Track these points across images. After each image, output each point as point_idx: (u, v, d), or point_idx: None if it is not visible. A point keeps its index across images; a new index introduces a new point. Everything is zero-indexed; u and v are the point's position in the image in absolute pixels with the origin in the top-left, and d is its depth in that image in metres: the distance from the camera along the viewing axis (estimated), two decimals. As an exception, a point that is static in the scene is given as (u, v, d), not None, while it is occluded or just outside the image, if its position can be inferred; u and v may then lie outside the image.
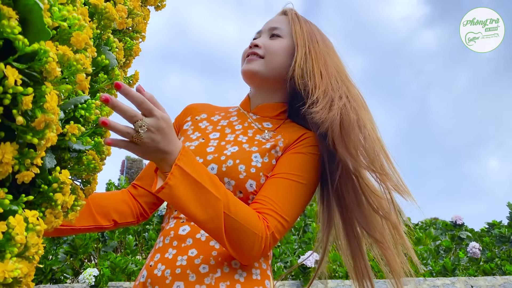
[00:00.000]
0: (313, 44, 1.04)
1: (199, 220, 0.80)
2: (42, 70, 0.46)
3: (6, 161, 0.44)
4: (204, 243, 0.93)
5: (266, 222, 0.88)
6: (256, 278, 0.91)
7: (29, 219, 0.47)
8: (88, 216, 0.99)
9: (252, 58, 1.06)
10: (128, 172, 9.40)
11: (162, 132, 0.74)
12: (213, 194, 0.80)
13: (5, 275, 0.43)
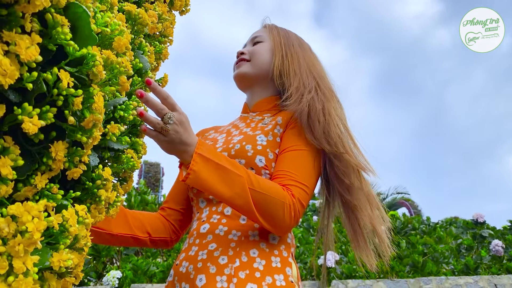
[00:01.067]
0: (289, 47, 1.16)
1: (227, 197, 0.86)
2: (89, 73, 0.49)
3: (59, 158, 0.48)
4: (222, 237, 0.98)
5: (290, 191, 0.94)
6: (276, 266, 0.94)
7: (79, 213, 0.50)
8: (125, 225, 1.07)
9: (240, 63, 1.19)
10: (146, 176, 9.51)
11: (183, 125, 0.82)
12: (234, 172, 0.86)
13: (60, 264, 0.47)
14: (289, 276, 0.94)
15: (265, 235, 0.99)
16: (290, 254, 1.00)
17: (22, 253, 0.41)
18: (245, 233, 0.98)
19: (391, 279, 3.72)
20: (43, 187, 0.48)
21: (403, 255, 3.84)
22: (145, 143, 0.71)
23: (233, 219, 1.01)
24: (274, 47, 1.17)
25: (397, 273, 3.84)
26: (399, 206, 8.98)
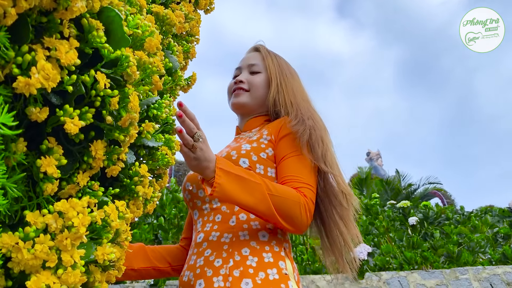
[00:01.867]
0: (283, 77, 1.26)
1: (251, 205, 0.94)
2: (124, 74, 0.51)
3: (98, 156, 0.50)
4: (216, 242, 1.05)
5: (301, 192, 1.02)
6: (269, 261, 0.99)
7: (119, 208, 0.53)
8: (145, 259, 1.18)
9: (239, 92, 1.27)
10: (176, 174, 9.64)
11: (206, 143, 0.90)
12: (253, 181, 0.94)
13: (104, 257, 0.49)
14: (283, 269, 0.99)
15: (255, 233, 1.04)
16: (282, 249, 1.05)
17: (69, 247, 0.43)
18: (236, 234, 1.04)
19: (426, 270, 3.67)
20: (85, 184, 0.50)
21: (437, 246, 3.78)
22: (178, 140, 0.72)
23: (223, 223, 1.07)
24: (270, 78, 1.27)
25: (431, 264, 3.78)
26: (431, 196, 8.83)
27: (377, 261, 3.77)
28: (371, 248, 3.67)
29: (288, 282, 0.97)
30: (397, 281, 3.62)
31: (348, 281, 3.55)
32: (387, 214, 4.53)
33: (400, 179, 7.60)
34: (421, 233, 4.23)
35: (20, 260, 0.41)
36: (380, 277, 3.60)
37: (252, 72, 1.29)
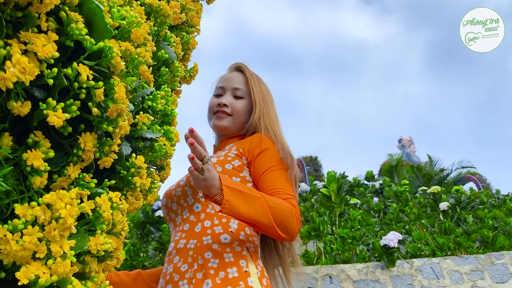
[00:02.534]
0: (265, 104, 1.35)
1: (254, 218, 1.01)
2: (109, 66, 0.51)
3: (88, 148, 0.50)
4: (183, 249, 1.12)
5: (291, 203, 1.09)
6: (229, 261, 1.07)
7: (113, 199, 0.53)
8: (143, 283, 1.27)
9: (222, 115, 1.33)
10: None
11: (212, 165, 0.95)
12: (254, 196, 1.02)
13: (97, 248, 0.50)
14: (243, 267, 1.05)
15: (217, 237, 1.10)
16: (244, 249, 1.10)
17: (58, 238, 0.44)
18: (200, 240, 1.11)
19: (460, 256, 3.58)
20: (77, 176, 0.51)
21: (471, 231, 3.68)
22: (177, 131, 0.73)
23: (190, 231, 1.15)
24: (254, 105, 1.34)
25: (465, 249, 3.68)
26: (466, 181, 8.59)
27: (408, 248, 3.71)
28: (401, 236, 3.60)
29: (247, 279, 1.02)
30: (429, 268, 3.55)
31: (379, 269, 3.51)
32: (418, 201, 4.44)
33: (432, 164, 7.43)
34: (453, 219, 4.12)
35: (9, 251, 0.42)
36: (411, 264, 3.54)
37: (235, 96, 1.35)
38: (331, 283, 3.44)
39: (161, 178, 0.74)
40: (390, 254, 3.47)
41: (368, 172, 7.12)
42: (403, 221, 4.33)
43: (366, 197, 5.31)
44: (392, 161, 8.03)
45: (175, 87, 0.77)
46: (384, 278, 3.46)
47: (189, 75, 0.89)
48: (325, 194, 3.77)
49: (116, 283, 1.24)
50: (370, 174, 7.07)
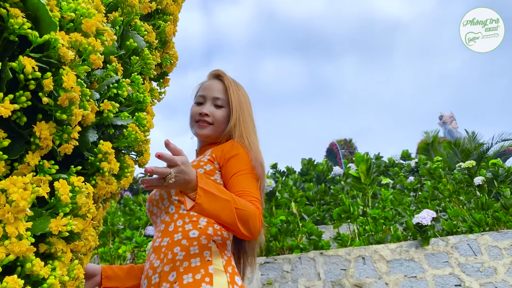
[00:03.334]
0: (241, 112, 1.43)
1: (221, 219, 1.10)
2: (60, 56, 0.54)
3: (43, 136, 0.53)
4: (157, 247, 1.23)
5: (255, 205, 1.18)
6: (194, 252, 1.16)
7: (75, 183, 0.56)
8: (135, 277, 1.37)
9: (203, 125, 1.42)
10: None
11: (183, 172, 1.00)
12: (225, 198, 1.10)
13: (59, 229, 0.53)
14: (206, 257, 1.15)
15: (187, 233, 1.20)
16: (211, 241, 1.20)
17: (12, 220, 0.47)
18: (172, 237, 1.21)
19: (498, 231, 3.47)
20: (37, 164, 0.54)
21: (509, 205, 3.55)
22: (150, 117, 0.75)
23: (165, 231, 1.25)
24: (231, 113, 1.42)
25: (504, 224, 3.56)
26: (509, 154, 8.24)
27: (444, 225, 3.62)
28: (435, 214, 3.52)
29: (208, 267, 1.12)
30: (466, 244, 3.46)
31: (413, 248, 3.45)
32: (453, 177, 4.31)
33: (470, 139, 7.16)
34: (491, 193, 3.98)
35: (-35, 234, 0.46)
36: (447, 242, 3.46)
37: (216, 105, 1.44)
38: (364, 264, 3.42)
39: (140, 163, 0.76)
40: (424, 232, 3.41)
41: (403, 151, 6.96)
42: (438, 199, 4.23)
43: (399, 176, 5.20)
44: (428, 138, 7.80)
45: (151, 74, 0.79)
46: (419, 257, 3.40)
47: (169, 62, 0.91)
48: (354, 175, 3.73)
49: (111, 277, 1.32)
50: (406, 153, 6.90)
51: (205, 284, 1.09)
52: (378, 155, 6.90)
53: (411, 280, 3.31)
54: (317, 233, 3.67)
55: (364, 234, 3.81)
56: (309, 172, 6.54)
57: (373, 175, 4.02)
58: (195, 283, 1.09)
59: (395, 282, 3.31)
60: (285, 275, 3.38)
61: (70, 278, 0.56)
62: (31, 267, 0.49)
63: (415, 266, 3.37)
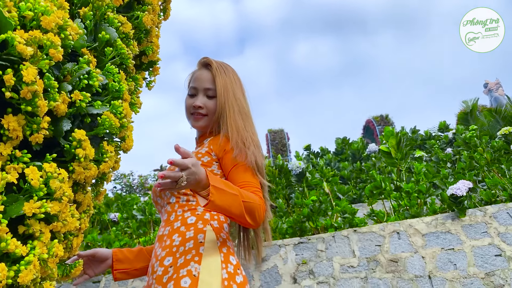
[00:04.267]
0: (226, 99, 1.48)
1: (232, 212, 1.17)
2: (19, 53, 0.58)
3: (11, 128, 0.58)
4: (160, 236, 1.31)
5: (258, 196, 1.26)
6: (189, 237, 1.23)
7: (47, 169, 0.61)
8: (144, 259, 1.45)
9: (198, 117, 1.49)
10: (273, 143, 9.83)
11: (193, 173, 1.07)
12: (233, 193, 1.17)
13: (32, 211, 0.58)
14: (199, 239, 1.22)
15: (185, 221, 1.28)
16: (207, 225, 1.27)
17: (-17, 204, 0.53)
18: (172, 226, 1.28)
19: (540, 198, 3.33)
20: (9, 153, 0.59)
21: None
22: (127, 104, 0.79)
23: (167, 220, 1.33)
24: (218, 95, 1.48)
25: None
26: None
27: (482, 195, 3.52)
28: (471, 184, 3.43)
29: (200, 248, 1.19)
30: (505, 213, 3.36)
31: (449, 220, 3.38)
32: (491, 145, 4.15)
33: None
34: (532, 159, 3.82)
35: None
36: (485, 212, 3.36)
37: (208, 96, 1.51)
38: (399, 239, 3.39)
39: (123, 148, 0.81)
40: (460, 203, 3.33)
41: (441, 123, 6.74)
42: (476, 169, 4.11)
43: (433, 149, 5.06)
44: (467, 108, 7.51)
45: (128, 63, 0.83)
46: (456, 229, 3.33)
47: (151, 51, 0.95)
48: (385, 150, 3.68)
49: (121, 259, 1.39)
50: (443, 125, 6.69)
51: (193, 263, 1.16)
52: (415, 128, 6.74)
53: (448, 252, 3.25)
54: (351, 211, 3.66)
55: (399, 209, 3.76)
56: (344, 151, 6.48)
57: (406, 149, 3.95)
58: (185, 262, 1.16)
59: (431, 255, 3.26)
60: (320, 254, 3.40)
61: (49, 256, 0.61)
62: (5, 246, 0.54)
63: (452, 238, 3.30)
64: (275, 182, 4.14)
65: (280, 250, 3.43)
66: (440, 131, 6.68)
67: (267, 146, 9.71)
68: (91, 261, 1.38)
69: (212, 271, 1.16)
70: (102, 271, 1.38)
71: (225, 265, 1.18)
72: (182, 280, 1.13)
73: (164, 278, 1.17)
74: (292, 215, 4.17)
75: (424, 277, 3.19)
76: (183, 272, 1.14)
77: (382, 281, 3.22)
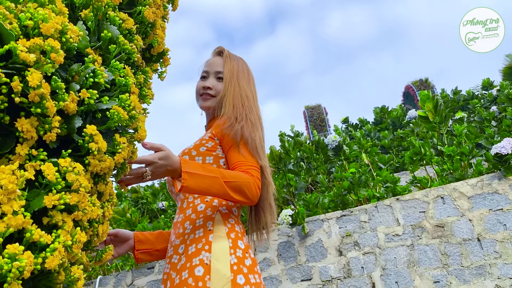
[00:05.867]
0: (232, 81, 1.52)
1: (213, 193, 1.23)
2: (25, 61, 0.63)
3: (25, 129, 0.64)
4: (175, 223, 1.39)
5: (249, 173, 1.30)
6: (199, 224, 1.30)
7: (62, 164, 0.67)
8: (164, 240, 1.52)
9: (207, 97, 1.55)
10: (311, 119, 9.75)
11: (161, 166, 1.17)
12: (211, 176, 1.22)
13: (52, 203, 0.64)
14: (208, 227, 1.28)
15: (195, 208, 1.35)
16: (216, 212, 1.33)
17: (6, 200, 0.59)
18: (184, 213, 1.36)
19: None
20: (26, 153, 0.65)
21: None
22: (134, 96, 0.83)
23: (180, 208, 1.40)
24: (224, 78, 1.54)
25: None
26: None
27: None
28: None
29: (209, 235, 1.25)
30: (555, 168, 3.21)
31: (496, 180, 3.28)
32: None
33: None
34: None
35: (-30, 215, 0.58)
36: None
37: (218, 78, 1.57)
38: (443, 204, 3.33)
39: (136, 139, 0.86)
40: (505, 162, 3.22)
41: (484, 80, 6.45)
42: (523, 124, 3.94)
43: (476, 108, 4.87)
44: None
45: (134, 58, 0.87)
46: (503, 189, 3.23)
47: (156, 43, 0.98)
48: (422, 115, 3.59)
49: (142, 240, 1.47)
50: (487, 82, 6.39)
51: (204, 252, 1.22)
52: (456, 89, 6.50)
53: (497, 213, 3.16)
54: (392, 180, 3.62)
55: (442, 174, 3.68)
56: (383, 121, 6.36)
57: (446, 112, 3.83)
58: (197, 252, 1.22)
59: (479, 218, 3.18)
60: (363, 225, 3.40)
61: (73, 242, 0.67)
62: (30, 236, 0.60)
63: (500, 199, 3.20)
64: (313, 158, 4.14)
65: (323, 224, 3.46)
66: (483, 90, 6.40)
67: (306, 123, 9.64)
68: (113, 241, 1.45)
69: (220, 258, 1.22)
70: (124, 252, 1.45)
71: (234, 250, 1.24)
72: (196, 269, 1.19)
73: (178, 265, 1.25)
74: (333, 189, 4.17)
75: (472, 240, 3.12)
76: (196, 261, 1.21)
77: (429, 247, 3.19)
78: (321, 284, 3.31)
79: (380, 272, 3.21)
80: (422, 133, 4.33)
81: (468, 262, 3.06)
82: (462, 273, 3.03)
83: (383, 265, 3.22)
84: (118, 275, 3.97)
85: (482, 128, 4.28)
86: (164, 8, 1.13)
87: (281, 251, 3.46)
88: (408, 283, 3.12)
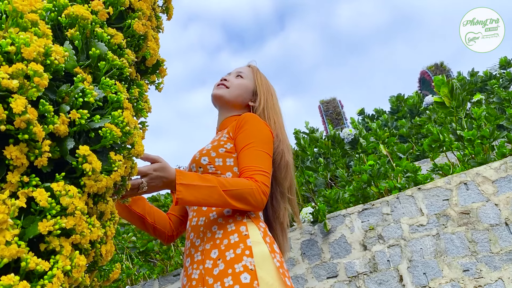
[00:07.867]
0: (269, 96, 1.53)
1: (211, 203, 1.21)
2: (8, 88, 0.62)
3: (14, 157, 0.63)
4: (195, 226, 1.34)
5: (253, 179, 1.26)
6: (231, 230, 1.25)
7: (54, 188, 0.66)
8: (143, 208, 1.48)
9: (220, 86, 1.55)
10: (327, 113, 9.65)
11: (157, 177, 1.18)
12: (208, 185, 1.20)
13: (47, 229, 0.63)
14: (243, 232, 1.23)
15: (221, 212, 1.30)
16: (245, 217, 1.29)
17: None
18: (207, 216, 1.32)
19: None
20: (18, 180, 0.64)
21: None
22: (127, 111, 0.82)
23: (199, 210, 1.36)
24: (259, 89, 1.54)
25: None
26: None
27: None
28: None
29: (246, 241, 1.21)
30: None
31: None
32: None
33: None
34: None
35: (-36, 249, 0.57)
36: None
37: (237, 76, 1.57)
38: (467, 190, 3.24)
39: (133, 154, 0.84)
40: (529, 142, 3.11)
41: (501, 59, 6.28)
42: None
43: (494, 89, 4.73)
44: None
45: (126, 73, 0.86)
46: (529, 169, 3.12)
47: (149, 55, 0.97)
48: (437, 101, 3.51)
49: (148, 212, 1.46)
50: (505, 61, 6.20)
51: (246, 257, 1.17)
52: (473, 71, 6.35)
53: (523, 195, 3.06)
54: (412, 169, 3.55)
55: (464, 159, 3.59)
56: (400, 109, 6.26)
57: (463, 95, 3.74)
58: (237, 257, 1.18)
59: (505, 201, 3.09)
60: (386, 218, 3.34)
61: (72, 267, 0.66)
62: (25, 265, 0.60)
63: (526, 180, 3.10)
64: (330, 153, 4.09)
65: (345, 219, 3.41)
66: (501, 69, 6.23)
67: (322, 118, 9.56)
68: None
69: (261, 263, 1.18)
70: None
71: (274, 255, 1.20)
72: (242, 276, 1.15)
73: (214, 270, 1.19)
74: (352, 183, 4.12)
75: (500, 225, 3.03)
76: (240, 268, 1.16)
77: (456, 235, 3.11)
78: (347, 280, 3.26)
79: (407, 264, 3.14)
80: (441, 119, 4.23)
81: (497, 248, 2.97)
82: (492, 260, 2.94)
83: (410, 257, 3.16)
84: (145, 284, 3.99)
85: (502, 108, 4.17)
86: (157, 18, 1.12)
87: (305, 249, 3.42)
88: (437, 273, 3.05)
